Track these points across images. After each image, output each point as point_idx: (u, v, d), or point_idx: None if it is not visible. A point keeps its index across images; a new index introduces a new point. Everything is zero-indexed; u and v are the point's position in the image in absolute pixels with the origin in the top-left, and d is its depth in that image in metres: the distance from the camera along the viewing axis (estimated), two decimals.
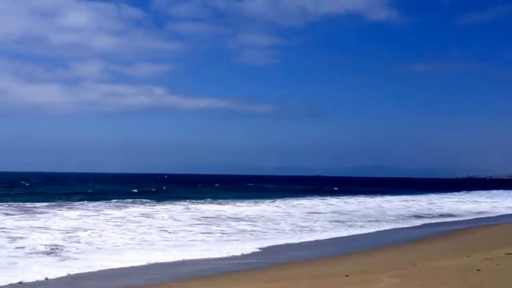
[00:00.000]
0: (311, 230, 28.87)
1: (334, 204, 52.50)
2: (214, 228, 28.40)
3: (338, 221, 34.15)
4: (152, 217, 33.18)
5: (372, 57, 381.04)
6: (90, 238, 23.38)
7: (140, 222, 30.12)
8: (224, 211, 39.62)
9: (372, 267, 16.00)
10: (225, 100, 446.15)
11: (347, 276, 14.42)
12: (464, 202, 62.34)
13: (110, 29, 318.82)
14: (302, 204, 52.03)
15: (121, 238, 23.71)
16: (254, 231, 27.74)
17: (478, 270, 14.84)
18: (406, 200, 62.24)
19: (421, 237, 25.78)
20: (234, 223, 30.83)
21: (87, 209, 38.51)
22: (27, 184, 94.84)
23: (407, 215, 41.06)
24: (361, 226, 31.41)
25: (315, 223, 32.73)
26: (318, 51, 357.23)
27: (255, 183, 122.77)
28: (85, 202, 46.63)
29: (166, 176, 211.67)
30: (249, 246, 21.78)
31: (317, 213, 40.67)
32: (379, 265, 16.58)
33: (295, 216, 37.34)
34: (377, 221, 35.21)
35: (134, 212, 36.46)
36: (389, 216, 39.57)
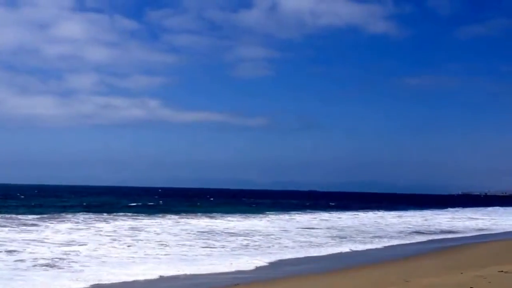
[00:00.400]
0: (317, 245, 28.94)
1: (328, 220, 52.42)
2: (213, 242, 28.38)
3: (339, 237, 34.10)
4: (146, 231, 33.15)
5: (369, 70, 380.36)
6: (90, 251, 23.34)
7: (136, 236, 30.11)
8: (216, 226, 39.55)
9: (366, 283, 15.99)
10: (220, 113, 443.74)
11: None
12: (459, 219, 62.27)
13: (104, 41, 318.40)
14: (294, 219, 52.01)
15: (123, 251, 23.75)
16: (259, 246, 27.78)
17: (470, 287, 14.84)
18: (400, 216, 62.41)
19: (416, 253, 25.72)
20: (232, 238, 30.83)
21: (78, 222, 38.56)
22: (22, 196, 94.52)
23: (407, 231, 41.12)
24: (364, 242, 31.40)
25: (316, 238, 32.73)
26: (314, 64, 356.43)
27: (250, 198, 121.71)
28: (77, 214, 46.46)
29: (160, 190, 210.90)
30: (256, 260, 21.88)
31: (312, 228, 40.64)
32: (373, 281, 16.57)
33: (291, 231, 37.23)
34: (379, 237, 35.19)
35: (124, 225, 36.66)
36: (388, 232, 39.60)
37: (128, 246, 25.91)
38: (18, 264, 19.43)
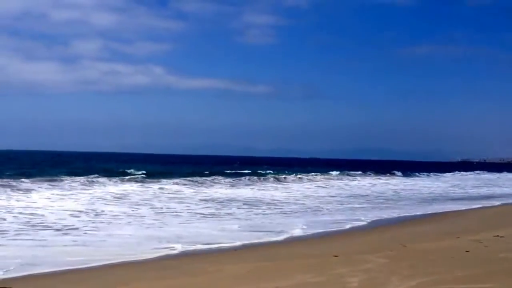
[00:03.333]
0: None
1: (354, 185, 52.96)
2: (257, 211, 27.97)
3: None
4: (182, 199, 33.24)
5: (374, 39, 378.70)
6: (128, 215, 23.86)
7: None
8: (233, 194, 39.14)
9: (363, 248, 16.06)
10: (224, 80, 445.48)
11: (335, 256, 14.49)
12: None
13: (111, 6, 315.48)
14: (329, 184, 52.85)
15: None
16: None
17: (466, 251, 14.95)
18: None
19: (410, 219, 25.83)
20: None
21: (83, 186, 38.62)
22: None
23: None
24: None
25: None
26: (320, 32, 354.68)
27: (254, 165, 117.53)
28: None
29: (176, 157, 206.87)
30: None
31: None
32: (370, 245, 16.65)
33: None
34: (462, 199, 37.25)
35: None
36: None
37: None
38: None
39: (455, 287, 10.87)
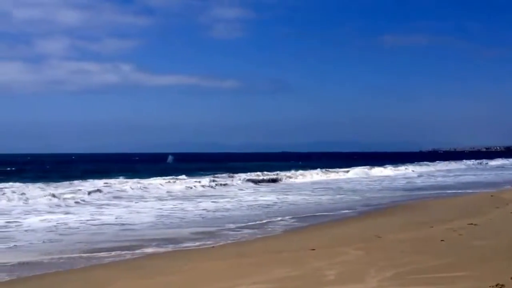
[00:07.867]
0: None
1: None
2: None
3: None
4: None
5: (342, 30, 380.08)
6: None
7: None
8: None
9: (339, 240, 16.11)
10: (193, 76, 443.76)
11: (313, 250, 14.49)
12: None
13: (75, 3, 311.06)
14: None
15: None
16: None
17: (441, 240, 15.06)
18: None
19: (385, 209, 26.04)
20: None
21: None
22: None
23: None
24: None
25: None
26: (288, 25, 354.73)
27: (222, 162, 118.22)
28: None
29: (137, 158, 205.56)
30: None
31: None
32: (345, 237, 16.71)
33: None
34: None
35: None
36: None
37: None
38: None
39: (431, 276, 10.90)
